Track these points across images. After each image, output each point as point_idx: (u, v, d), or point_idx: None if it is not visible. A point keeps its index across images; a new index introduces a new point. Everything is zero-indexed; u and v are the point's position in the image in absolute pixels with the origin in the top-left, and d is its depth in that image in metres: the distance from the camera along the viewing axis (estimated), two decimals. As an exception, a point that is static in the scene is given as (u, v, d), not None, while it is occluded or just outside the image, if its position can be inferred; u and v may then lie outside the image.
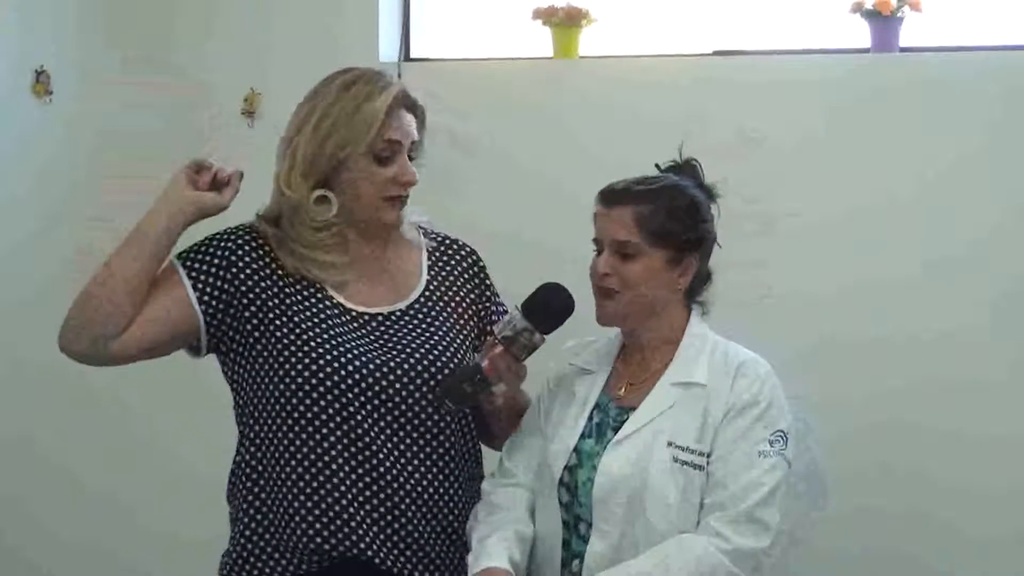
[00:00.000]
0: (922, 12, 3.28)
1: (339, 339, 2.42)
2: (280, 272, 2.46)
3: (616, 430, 2.40)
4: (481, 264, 2.64)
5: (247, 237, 2.49)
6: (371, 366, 2.40)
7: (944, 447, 3.17)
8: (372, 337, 2.45)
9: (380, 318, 2.46)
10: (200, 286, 2.43)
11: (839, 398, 3.20)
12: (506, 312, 2.57)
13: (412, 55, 3.76)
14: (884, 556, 3.19)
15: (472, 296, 2.59)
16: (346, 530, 2.38)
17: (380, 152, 2.43)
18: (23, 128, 3.83)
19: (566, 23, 3.54)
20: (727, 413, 2.34)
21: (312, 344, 2.41)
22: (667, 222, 2.39)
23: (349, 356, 2.40)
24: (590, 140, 3.45)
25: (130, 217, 3.77)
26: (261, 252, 2.47)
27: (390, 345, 2.45)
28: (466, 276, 2.59)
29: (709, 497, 2.32)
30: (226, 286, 2.44)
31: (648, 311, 2.42)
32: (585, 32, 3.55)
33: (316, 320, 2.43)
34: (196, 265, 2.45)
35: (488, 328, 2.56)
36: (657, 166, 2.55)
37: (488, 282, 2.64)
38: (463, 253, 2.63)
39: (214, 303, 2.43)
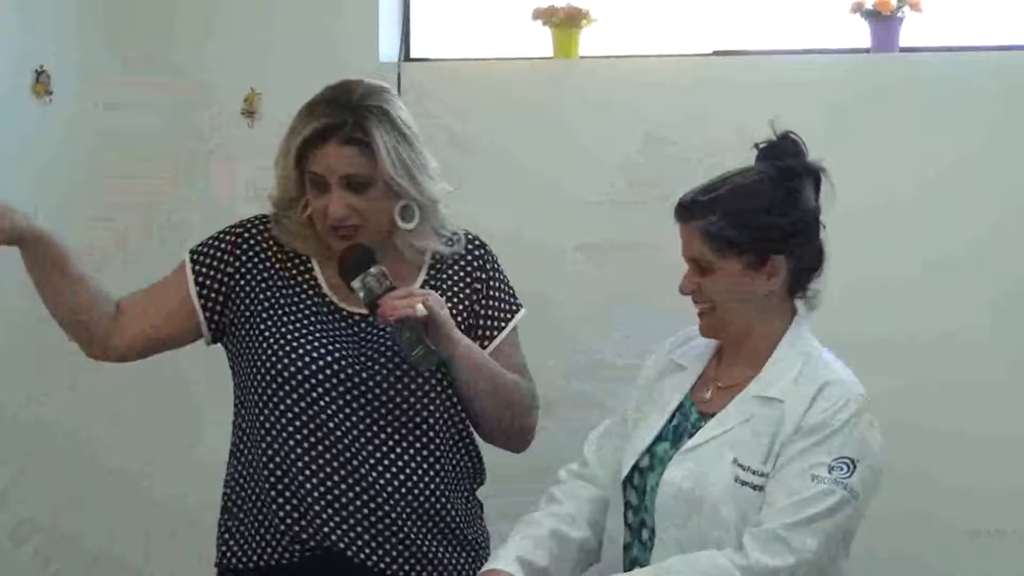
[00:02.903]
0: (922, 12, 3.28)
1: (319, 333, 2.44)
2: (280, 267, 2.50)
3: (692, 436, 2.32)
4: (483, 269, 2.60)
5: (257, 227, 2.55)
6: (343, 362, 2.42)
7: (944, 447, 3.17)
8: (359, 337, 2.46)
9: (371, 319, 2.46)
10: (201, 279, 2.51)
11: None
12: (501, 312, 2.59)
13: (412, 55, 3.76)
14: (885, 556, 3.19)
15: (462, 307, 2.56)
16: (317, 522, 2.40)
17: (311, 181, 2.44)
18: (23, 128, 3.83)
19: (566, 23, 3.54)
20: (795, 433, 2.24)
21: (288, 334, 2.44)
22: (732, 232, 2.27)
23: (324, 349, 2.43)
24: (590, 140, 3.45)
25: (130, 217, 3.83)
26: (264, 241, 2.53)
27: (372, 343, 2.46)
28: (460, 285, 2.57)
29: (757, 516, 2.23)
30: (226, 279, 2.51)
31: (748, 319, 2.33)
32: (585, 32, 3.55)
33: (302, 315, 2.46)
34: (201, 259, 2.53)
35: (476, 334, 2.55)
36: (756, 146, 2.42)
37: (490, 282, 2.60)
38: (465, 260, 2.59)
39: (214, 295, 2.51)
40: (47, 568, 3.90)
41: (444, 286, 2.55)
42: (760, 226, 2.29)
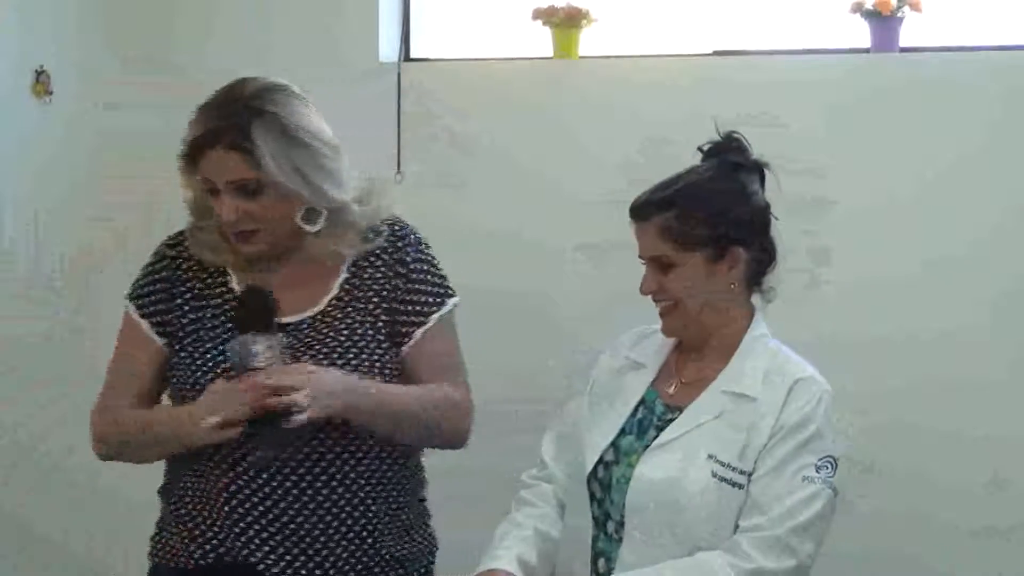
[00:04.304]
0: (922, 12, 3.28)
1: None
2: (200, 283, 2.46)
3: (659, 430, 2.33)
4: (402, 263, 2.47)
5: (175, 248, 2.52)
6: None
7: (944, 447, 3.17)
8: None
9: (289, 327, 2.39)
10: (150, 318, 2.48)
11: (838, 398, 3.18)
12: (423, 305, 2.47)
13: (412, 55, 3.76)
14: (884, 557, 3.19)
15: (384, 305, 2.45)
16: (235, 531, 2.36)
17: (206, 187, 2.39)
18: (23, 128, 3.83)
19: (566, 23, 3.54)
20: (774, 434, 2.26)
21: (207, 352, 2.39)
22: (691, 226, 2.31)
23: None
24: (590, 140, 3.45)
25: (130, 217, 3.82)
26: (185, 262, 2.49)
27: (295, 352, 2.37)
28: (381, 283, 2.45)
29: (746, 519, 2.24)
30: (165, 314, 2.47)
31: (710, 314, 2.34)
32: (585, 32, 3.55)
33: (222, 329, 2.41)
34: (142, 301, 2.50)
35: (398, 329, 2.45)
36: (700, 149, 2.46)
37: (410, 274, 2.47)
38: (387, 254, 2.47)
39: (165, 327, 2.47)
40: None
41: (364, 286, 2.45)
42: (719, 218, 2.32)
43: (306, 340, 2.39)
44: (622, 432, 2.37)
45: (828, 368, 3.25)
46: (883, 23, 3.29)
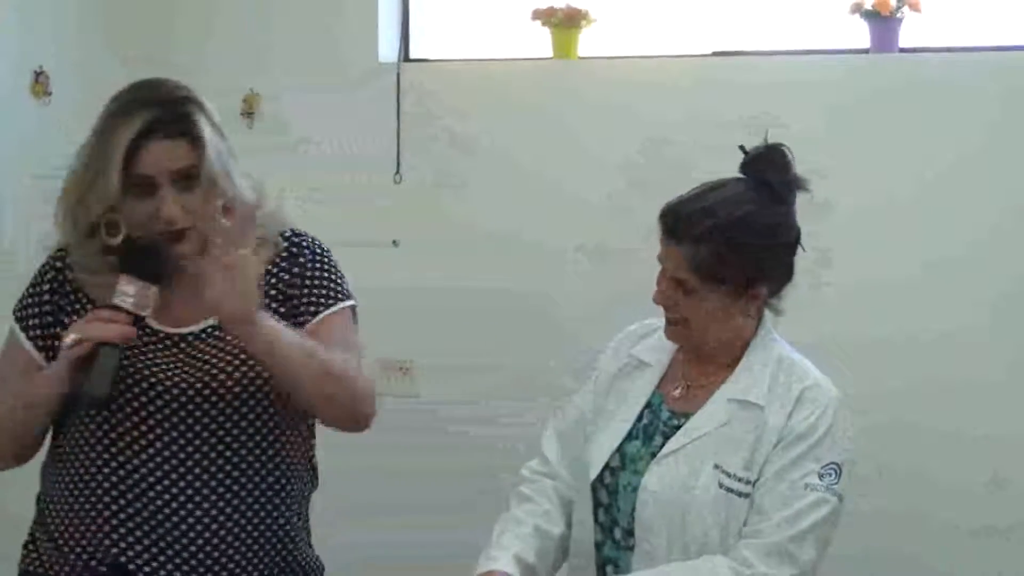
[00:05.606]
0: (922, 12, 3.29)
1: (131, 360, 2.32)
2: (87, 302, 2.38)
3: (665, 437, 2.29)
4: (300, 267, 2.39)
5: (55, 269, 2.44)
6: (144, 384, 2.30)
7: (944, 447, 3.18)
8: (178, 358, 2.33)
9: (190, 338, 2.33)
10: (36, 341, 2.40)
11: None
12: (324, 296, 2.38)
13: (412, 55, 3.76)
14: (884, 556, 3.20)
15: (283, 310, 2.36)
16: (107, 542, 2.31)
17: (133, 188, 2.28)
18: (23, 128, 3.82)
19: (565, 24, 3.54)
20: (779, 442, 2.23)
21: None
22: (724, 265, 2.22)
23: (143, 373, 2.31)
24: (590, 140, 3.45)
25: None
26: (69, 270, 2.41)
27: (188, 362, 2.32)
28: (279, 287, 2.37)
29: (748, 525, 2.22)
30: (52, 327, 2.40)
31: (718, 332, 2.29)
32: (585, 32, 3.56)
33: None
34: (26, 320, 2.42)
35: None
36: (742, 148, 2.31)
37: (304, 278, 2.39)
38: (283, 262, 2.39)
39: (49, 344, 2.40)
40: None
41: (276, 282, 2.37)
42: (751, 261, 2.25)
43: (206, 350, 2.33)
44: (628, 437, 2.34)
45: (828, 369, 3.25)
46: (883, 23, 3.29)
